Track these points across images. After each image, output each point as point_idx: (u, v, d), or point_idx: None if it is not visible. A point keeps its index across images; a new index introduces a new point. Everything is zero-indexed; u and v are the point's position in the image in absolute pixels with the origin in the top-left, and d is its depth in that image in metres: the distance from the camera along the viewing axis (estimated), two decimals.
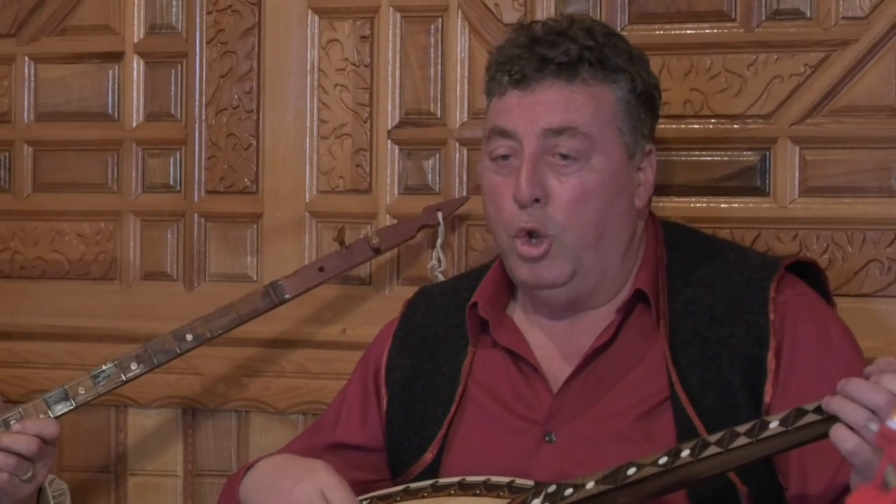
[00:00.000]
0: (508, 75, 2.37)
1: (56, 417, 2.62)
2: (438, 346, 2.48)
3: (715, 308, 2.34)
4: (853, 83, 2.67)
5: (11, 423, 2.53)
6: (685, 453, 2.04)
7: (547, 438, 2.32)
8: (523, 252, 2.33)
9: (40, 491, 2.55)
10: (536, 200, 2.31)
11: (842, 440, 1.92)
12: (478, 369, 2.44)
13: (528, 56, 2.37)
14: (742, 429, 2.01)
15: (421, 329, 2.52)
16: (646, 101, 2.41)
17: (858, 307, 2.61)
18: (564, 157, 2.33)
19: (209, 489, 2.90)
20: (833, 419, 2.00)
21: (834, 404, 1.94)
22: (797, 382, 2.21)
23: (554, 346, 2.40)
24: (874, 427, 1.91)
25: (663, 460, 2.05)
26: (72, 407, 2.62)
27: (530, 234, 2.34)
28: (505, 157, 2.36)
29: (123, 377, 2.67)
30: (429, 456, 2.39)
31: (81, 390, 2.63)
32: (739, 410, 2.24)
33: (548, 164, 2.33)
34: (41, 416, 2.62)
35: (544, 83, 2.35)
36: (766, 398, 2.23)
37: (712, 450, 2.02)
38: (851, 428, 1.94)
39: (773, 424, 1.97)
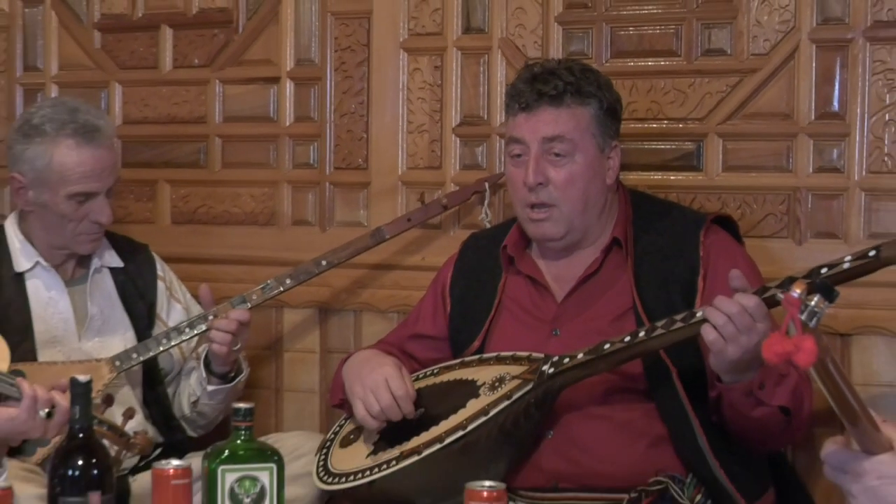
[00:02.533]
0: (518, 104, 2.62)
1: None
2: (483, 273, 2.75)
3: (665, 249, 2.58)
4: (758, 98, 2.99)
5: (210, 317, 2.88)
6: (642, 334, 2.36)
7: (554, 333, 2.60)
8: (533, 216, 2.60)
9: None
10: (540, 184, 2.58)
11: (705, 333, 2.24)
12: (508, 288, 2.71)
13: (530, 90, 2.59)
14: (678, 317, 2.32)
15: (471, 261, 2.80)
16: (611, 113, 2.63)
17: (760, 245, 2.91)
18: (557, 154, 2.58)
19: (335, 362, 3.05)
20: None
21: (705, 311, 2.25)
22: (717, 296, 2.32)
23: (558, 273, 2.68)
24: (730, 327, 2.17)
25: (627, 339, 2.37)
26: (248, 307, 2.93)
27: (537, 206, 2.59)
28: (518, 155, 2.62)
29: (281, 288, 3.03)
30: (476, 343, 2.68)
31: (254, 296, 2.97)
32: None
33: (547, 160, 2.58)
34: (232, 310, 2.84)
35: (541, 109, 2.59)
36: (697, 307, 2.40)
37: (659, 331, 2.32)
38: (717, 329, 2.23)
39: (699, 314, 2.31)
